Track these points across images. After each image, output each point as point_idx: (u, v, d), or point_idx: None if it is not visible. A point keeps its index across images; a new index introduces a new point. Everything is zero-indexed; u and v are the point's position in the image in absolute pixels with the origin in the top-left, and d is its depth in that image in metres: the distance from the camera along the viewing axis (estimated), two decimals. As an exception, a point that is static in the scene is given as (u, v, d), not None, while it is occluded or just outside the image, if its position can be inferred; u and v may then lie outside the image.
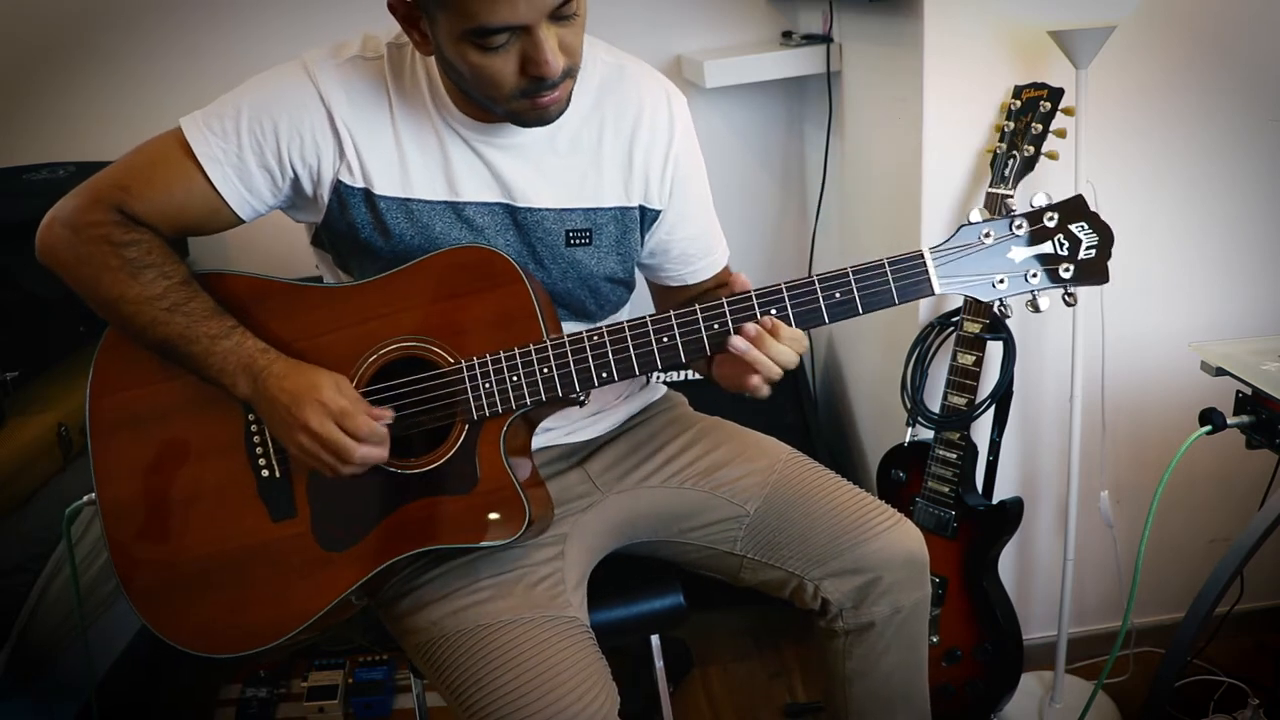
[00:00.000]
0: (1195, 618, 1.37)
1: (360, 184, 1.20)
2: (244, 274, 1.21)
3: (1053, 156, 1.60)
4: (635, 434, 1.43)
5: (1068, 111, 1.58)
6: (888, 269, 1.09)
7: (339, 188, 1.20)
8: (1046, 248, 1.09)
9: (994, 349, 1.72)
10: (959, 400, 1.70)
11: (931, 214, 1.75)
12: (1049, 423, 1.90)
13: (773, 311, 1.11)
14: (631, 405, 1.45)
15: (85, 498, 1.25)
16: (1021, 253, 1.09)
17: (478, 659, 1.14)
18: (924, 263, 1.09)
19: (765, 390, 1.14)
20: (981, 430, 1.78)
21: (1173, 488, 1.46)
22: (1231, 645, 1.96)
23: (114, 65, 2.16)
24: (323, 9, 2.09)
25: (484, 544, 1.16)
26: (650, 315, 1.14)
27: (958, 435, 1.73)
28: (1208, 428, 1.37)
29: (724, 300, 1.12)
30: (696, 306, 1.12)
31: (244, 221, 1.23)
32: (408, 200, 1.21)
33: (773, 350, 1.11)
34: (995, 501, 1.76)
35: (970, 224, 1.09)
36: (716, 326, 1.11)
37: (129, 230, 1.16)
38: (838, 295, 1.10)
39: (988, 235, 1.09)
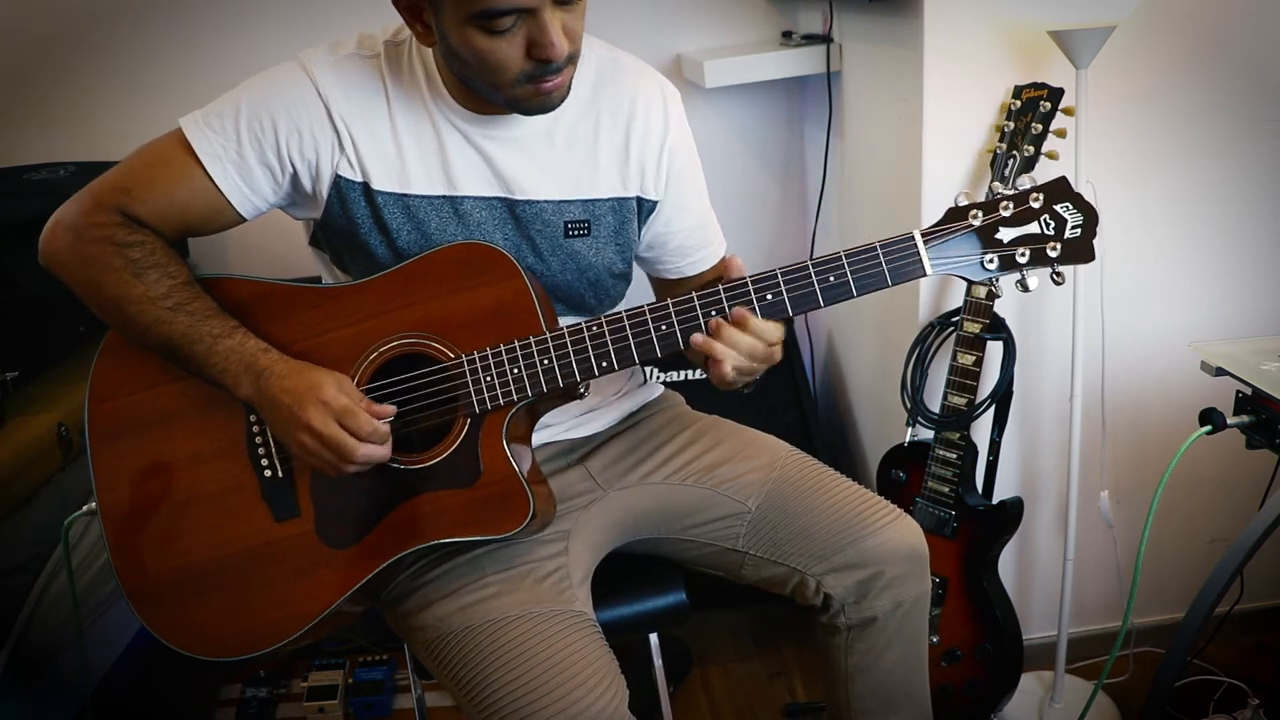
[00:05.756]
0: (1195, 618, 1.36)
1: (359, 178, 1.20)
2: (242, 277, 1.21)
3: (1053, 156, 1.61)
4: (635, 432, 1.43)
5: (1068, 111, 1.58)
6: (880, 252, 1.11)
7: (338, 182, 1.20)
8: (1033, 228, 1.10)
9: (994, 349, 1.72)
10: (959, 400, 1.70)
11: (931, 214, 1.73)
12: (1049, 423, 1.90)
13: (768, 296, 1.12)
14: (629, 402, 1.45)
15: (85, 508, 1.25)
16: (1009, 233, 1.10)
17: (486, 654, 1.15)
18: (915, 245, 1.10)
19: (737, 381, 1.14)
20: (981, 430, 1.78)
21: (1173, 488, 1.46)
22: (1231, 645, 1.96)
23: (115, 65, 2.16)
24: (324, 9, 2.09)
25: (489, 537, 1.16)
26: (648, 304, 1.14)
27: (958, 435, 1.73)
28: (1208, 428, 1.37)
29: (720, 287, 1.13)
30: (694, 294, 1.13)
31: (245, 220, 1.23)
32: (405, 196, 1.21)
33: (733, 340, 1.11)
34: (995, 501, 1.76)
35: (958, 206, 1.11)
36: (714, 313, 1.12)
37: (132, 231, 1.16)
38: (832, 279, 1.11)
39: (975, 216, 1.10)
